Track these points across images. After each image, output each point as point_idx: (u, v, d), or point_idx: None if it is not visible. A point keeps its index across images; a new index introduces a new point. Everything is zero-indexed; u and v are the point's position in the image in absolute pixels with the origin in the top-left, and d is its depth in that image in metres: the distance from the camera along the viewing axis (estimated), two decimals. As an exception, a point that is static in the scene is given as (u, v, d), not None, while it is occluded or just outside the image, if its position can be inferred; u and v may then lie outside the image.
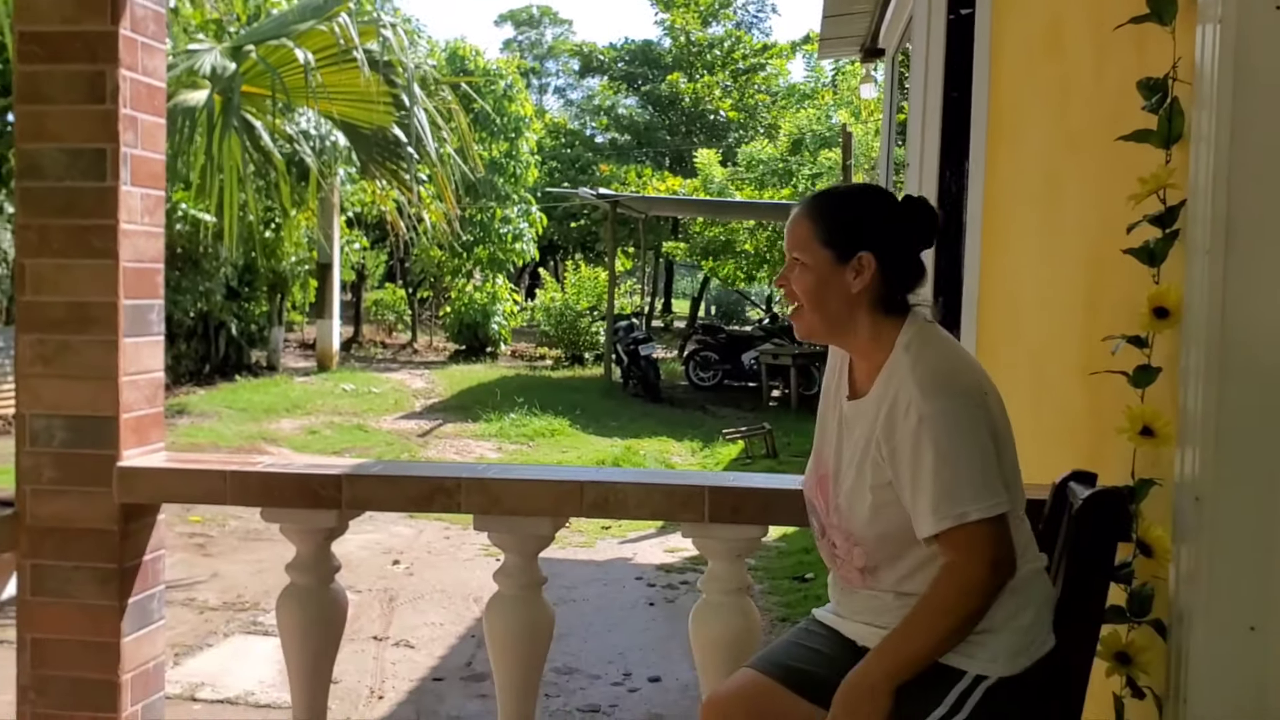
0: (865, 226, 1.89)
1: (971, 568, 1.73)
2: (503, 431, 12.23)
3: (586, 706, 4.36)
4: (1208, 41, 1.75)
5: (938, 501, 1.72)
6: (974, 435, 1.75)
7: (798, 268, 1.89)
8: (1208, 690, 1.75)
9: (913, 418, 1.75)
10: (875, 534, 1.84)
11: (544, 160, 26.36)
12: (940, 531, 1.73)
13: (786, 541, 7.19)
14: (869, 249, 1.87)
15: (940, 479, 1.72)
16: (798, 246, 1.90)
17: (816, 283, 1.88)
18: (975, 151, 3.80)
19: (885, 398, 1.83)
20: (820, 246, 1.87)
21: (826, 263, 1.87)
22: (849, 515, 1.87)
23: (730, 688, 2.05)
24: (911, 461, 1.76)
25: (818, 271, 1.87)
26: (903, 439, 1.77)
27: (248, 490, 2.62)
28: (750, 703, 1.99)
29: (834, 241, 1.87)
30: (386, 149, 6.79)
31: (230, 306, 15.43)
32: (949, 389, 1.78)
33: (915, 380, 1.78)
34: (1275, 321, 1.70)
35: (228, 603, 5.61)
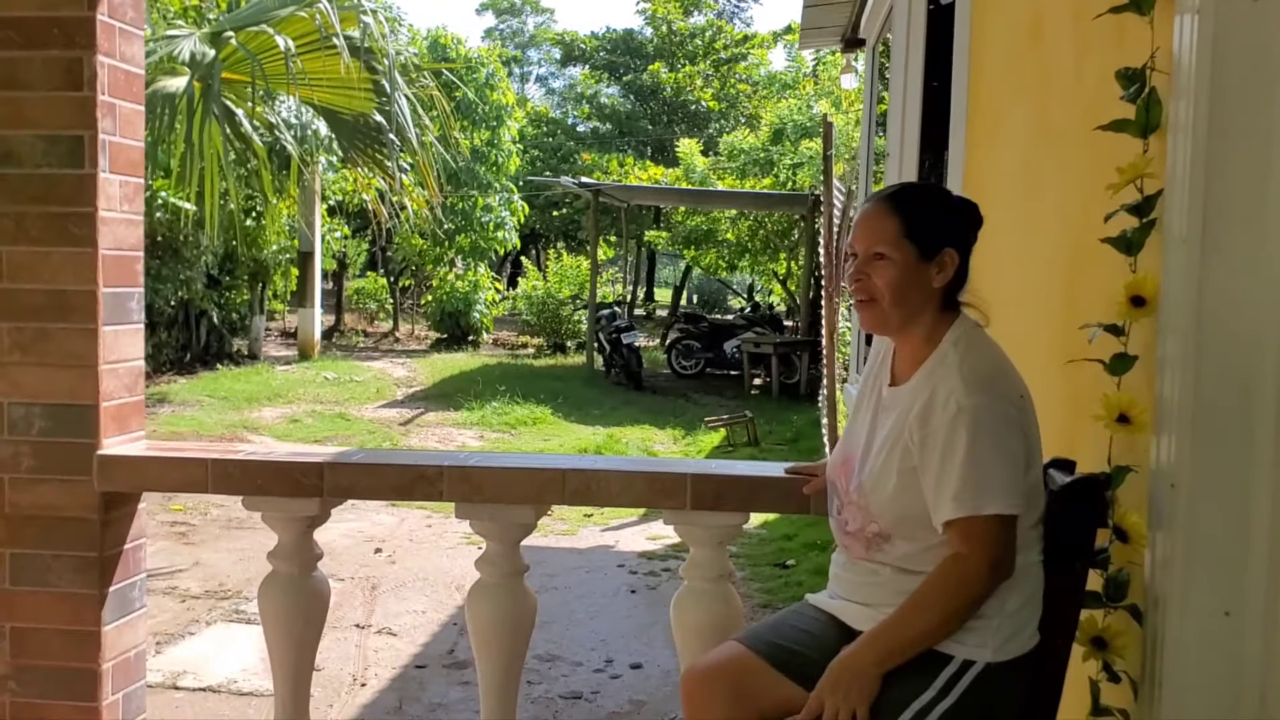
0: (947, 223, 1.93)
1: (974, 561, 1.77)
2: (485, 420, 12.22)
3: (568, 693, 4.38)
4: (1185, 32, 1.77)
5: (960, 490, 1.76)
6: (1007, 437, 1.80)
7: (879, 262, 1.90)
8: (1182, 674, 1.77)
9: (951, 407, 1.79)
10: (895, 514, 1.88)
11: (526, 149, 26.29)
12: (956, 519, 1.77)
13: (768, 529, 7.22)
14: (952, 245, 1.91)
15: (967, 470, 1.76)
16: (881, 241, 1.90)
17: (901, 277, 1.89)
18: (955, 141, 3.81)
19: (924, 387, 1.87)
20: (907, 242, 1.89)
21: (912, 258, 1.89)
22: (872, 493, 1.91)
23: (714, 659, 2.06)
24: (942, 449, 1.79)
25: (903, 266, 1.89)
26: (937, 426, 1.80)
27: (229, 478, 2.61)
28: (732, 675, 2.00)
29: (920, 237, 1.89)
30: (368, 136, 6.76)
31: (211, 295, 15.33)
32: (991, 388, 1.82)
33: (960, 374, 1.82)
34: (1250, 310, 1.72)
35: (209, 591, 5.60)
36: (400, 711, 4.17)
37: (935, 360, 1.89)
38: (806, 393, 14.19)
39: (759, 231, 19.64)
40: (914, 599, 1.81)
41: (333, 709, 4.15)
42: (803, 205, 15.99)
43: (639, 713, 4.22)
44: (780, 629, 2.06)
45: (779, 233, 19.42)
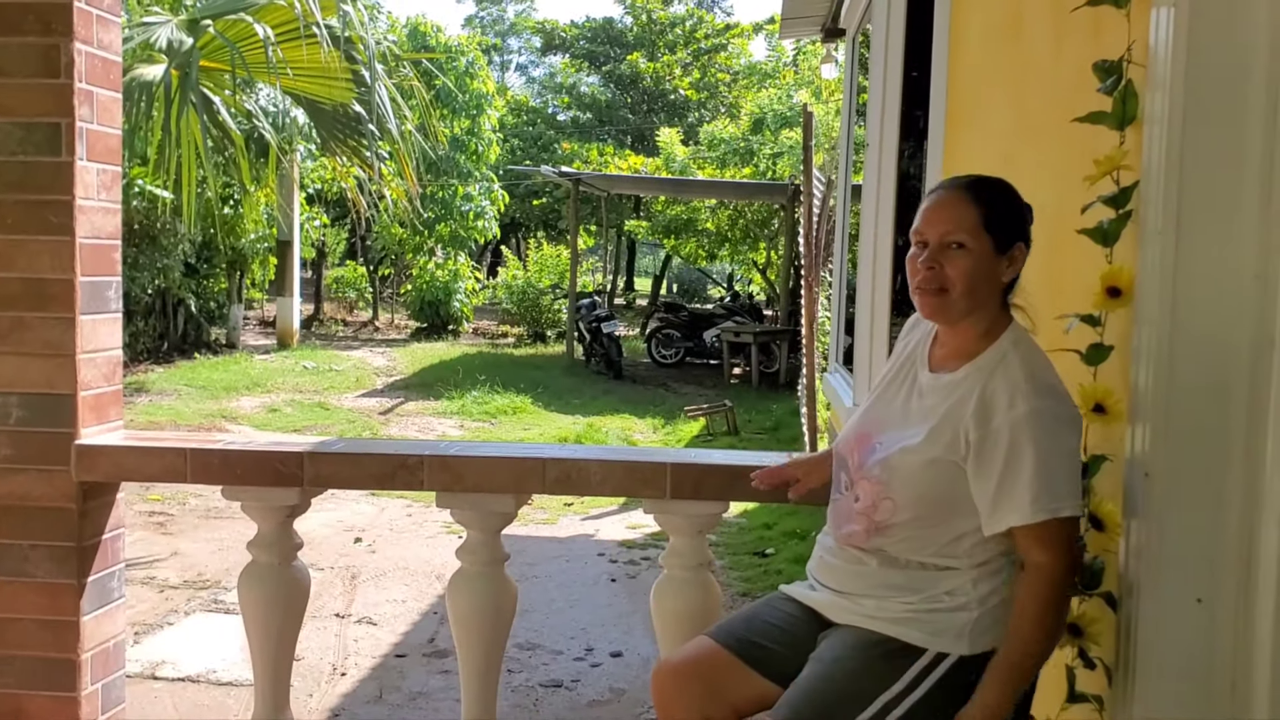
0: (1021, 217, 1.92)
1: (1058, 566, 1.78)
2: (465, 409, 12.20)
3: (549, 682, 4.39)
4: (1162, 25, 1.78)
5: (1037, 493, 1.75)
6: (1070, 438, 1.81)
7: (954, 251, 1.86)
8: (1155, 660, 1.79)
9: (1020, 409, 1.77)
10: (914, 494, 1.86)
11: (506, 138, 26.21)
12: (1033, 524, 1.76)
13: (747, 517, 7.25)
14: (1022, 241, 1.90)
15: (1040, 473, 1.75)
16: (961, 230, 1.86)
17: (977, 269, 1.86)
18: (934, 132, 3.83)
19: (976, 382, 1.85)
20: (985, 233, 1.86)
21: (989, 249, 1.86)
22: (897, 469, 1.88)
23: (684, 655, 2.07)
24: (1008, 452, 1.78)
25: (980, 257, 1.86)
26: (1000, 427, 1.79)
27: (208, 468, 2.61)
28: (703, 671, 2.01)
29: (997, 229, 1.87)
30: (347, 125, 6.72)
31: (189, 284, 15.23)
32: (1056, 392, 1.82)
33: (1026, 375, 1.81)
34: (1223, 301, 1.74)
35: (188, 581, 5.58)
36: (380, 700, 4.17)
37: (992, 358, 1.86)
38: (786, 382, 14.24)
39: (739, 221, 19.66)
40: (1016, 627, 1.80)
41: (313, 699, 4.14)
42: (783, 195, 16.02)
43: (619, 701, 4.24)
44: (752, 623, 2.06)
45: (759, 222, 19.44)
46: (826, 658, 1.90)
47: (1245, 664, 1.72)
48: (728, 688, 1.99)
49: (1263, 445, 1.67)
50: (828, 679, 1.86)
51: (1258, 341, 1.70)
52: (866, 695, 1.82)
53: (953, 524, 1.86)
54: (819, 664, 1.90)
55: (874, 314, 5.09)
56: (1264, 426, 1.67)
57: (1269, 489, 1.65)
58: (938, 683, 1.83)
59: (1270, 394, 1.65)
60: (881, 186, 5.10)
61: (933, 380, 1.95)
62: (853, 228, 7.55)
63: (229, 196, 14.85)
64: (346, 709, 4.10)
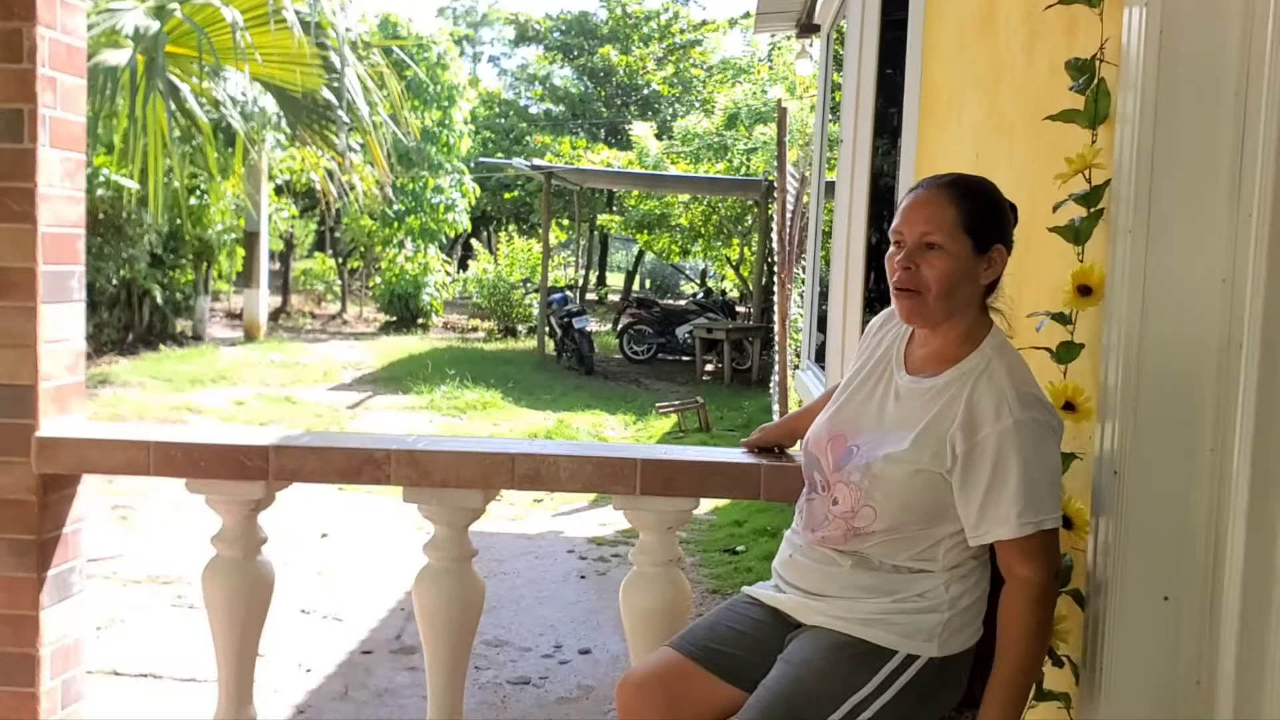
0: (1001, 219, 1.88)
1: (1041, 578, 1.77)
2: (434, 404, 12.14)
3: (517, 678, 4.37)
4: (1134, 24, 1.78)
5: (1023, 507, 1.74)
6: (1054, 449, 1.80)
7: (932, 252, 1.83)
8: (1122, 658, 1.80)
9: (1006, 420, 1.76)
10: (898, 503, 1.84)
11: (477, 130, 26.12)
12: (1017, 538, 1.75)
13: (718, 515, 7.25)
14: (1002, 243, 1.87)
15: (1026, 486, 1.74)
16: (939, 230, 1.82)
17: (954, 269, 1.82)
18: (908, 129, 3.84)
19: (962, 392, 1.82)
20: (963, 233, 1.82)
21: (967, 250, 1.83)
22: (879, 478, 1.85)
23: (647, 667, 2.05)
24: (994, 463, 1.76)
25: (958, 258, 1.82)
26: (987, 439, 1.77)
27: (172, 461, 2.57)
28: (666, 683, 1.99)
29: (976, 230, 1.83)
30: (317, 114, 6.67)
31: (154, 274, 15.06)
32: (1040, 403, 1.81)
33: (1011, 385, 1.79)
34: (1193, 300, 1.74)
35: (151, 575, 5.51)
36: (346, 697, 4.14)
37: (975, 364, 1.84)
38: (758, 379, 14.26)
39: (712, 216, 19.68)
40: (1006, 644, 1.79)
41: (277, 695, 4.10)
42: (756, 191, 16.04)
43: (587, 698, 4.22)
44: (715, 630, 2.03)
45: (732, 218, 19.48)
46: (795, 659, 1.89)
47: (1211, 661, 1.73)
48: (693, 697, 1.97)
49: (1230, 444, 1.68)
50: (796, 680, 1.85)
51: (1225, 342, 1.71)
52: (836, 697, 1.81)
53: (933, 531, 1.85)
54: (787, 665, 1.88)
55: (846, 311, 5.09)
56: (1231, 426, 1.68)
57: (1235, 487, 1.66)
58: (908, 685, 1.82)
59: (1237, 394, 1.66)
60: (855, 183, 5.11)
61: (911, 384, 1.91)
62: (826, 225, 7.56)
63: (196, 186, 14.71)
64: (312, 706, 4.06)
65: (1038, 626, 1.79)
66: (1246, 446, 1.64)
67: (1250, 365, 1.63)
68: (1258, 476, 1.63)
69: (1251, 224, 1.64)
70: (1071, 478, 1.96)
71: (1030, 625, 1.78)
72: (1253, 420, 1.63)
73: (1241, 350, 1.65)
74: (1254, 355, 1.63)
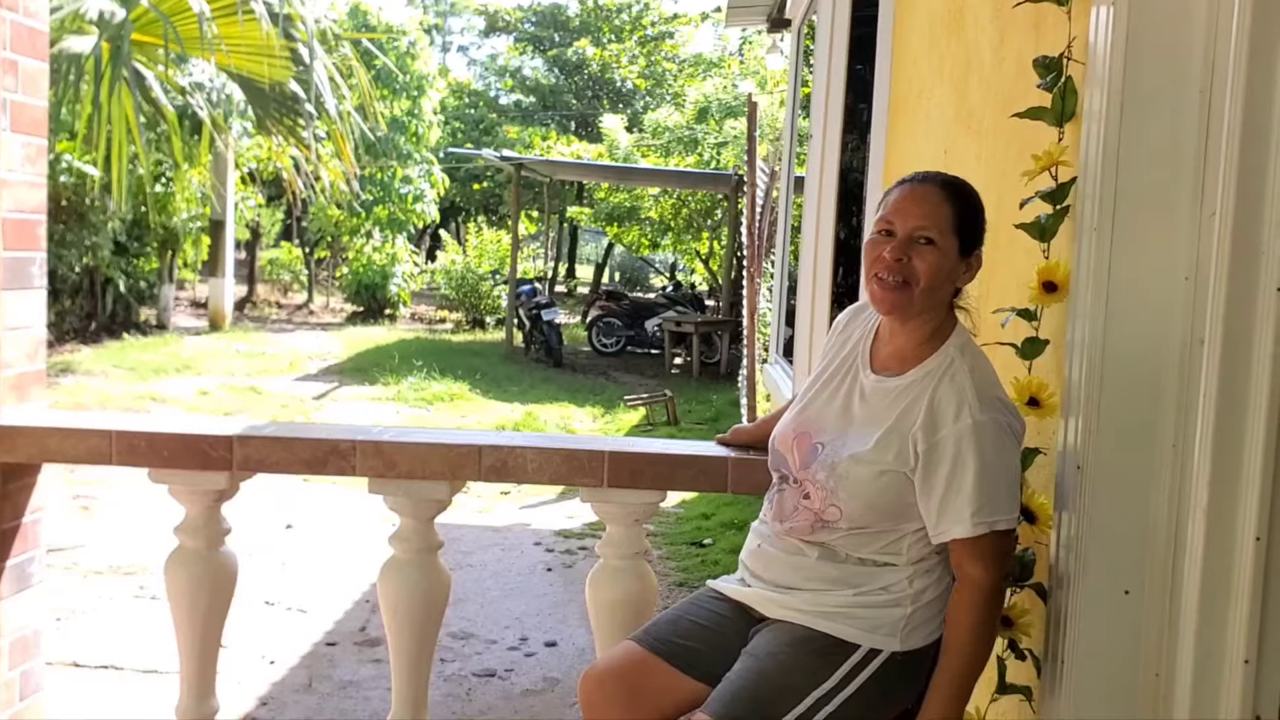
0: (983, 226, 1.91)
1: (990, 578, 1.78)
2: (401, 395, 12.08)
3: (482, 671, 4.36)
4: (1101, 22, 1.79)
5: (978, 507, 1.75)
6: (1013, 450, 1.81)
7: (924, 246, 1.83)
8: (1083, 651, 1.82)
9: (965, 420, 1.77)
10: (864, 502, 1.85)
11: (447, 120, 25.99)
12: (970, 538, 1.76)
13: (685, 508, 7.26)
14: (979, 249, 1.90)
15: (981, 486, 1.75)
16: (934, 226, 1.83)
17: (943, 266, 1.84)
18: (877, 125, 3.85)
19: (925, 391, 1.83)
20: (954, 233, 1.84)
21: (954, 250, 1.85)
22: (846, 477, 1.86)
23: (609, 661, 2.05)
24: (953, 463, 1.77)
25: (947, 257, 1.84)
26: (946, 437, 1.78)
27: (134, 450, 2.54)
28: (628, 677, 1.99)
29: (965, 231, 1.86)
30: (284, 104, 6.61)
31: (118, 262, 14.88)
32: (1001, 403, 1.82)
33: (973, 386, 1.80)
34: (1156, 297, 1.76)
35: (113, 566, 5.45)
36: (310, 689, 4.11)
37: (939, 363, 1.85)
38: (727, 372, 14.30)
39: (682, 210, 19.67)
40: (952, 640, 1.81)
41: (240, 687, 4.07)
42: (726, 185, 16.05)
43: (553, 690, 4.22)
44: (678, 625, 2.03)
45: (702, 212, 19.48)
46: (759, 653, 1.89)
47: (1170, 654, 1.75)
48: (656, 691, 1.97)
49: (1191, 441, 1.70)
50: (760, 674, 1.85)
51: (1187, 339, 1.73)
52: (798, 691, 1.82)
53: (899, 527, 1.87)
54: (751, 659, 1.89)
55: (815, 306, 5.11)
56: (1193, 422, 1.70)
57: (1196, 483, 1.68)
58: (870, 679, 1.83)
59: (1199, 391, 1.68)
60: (824, 179, 5.12)
61: (876, 383, 1.92)
62: (795, 219, 7.58)
63: (161, 174, 14.55)
64: (275, 698, 4.03)
65: (982, 625, 1.80)
66: (1207, 443, 1.66)
67: (1212, 362, 1.65)
68: (1217, 472, 1.65)
69: (1215, 222, 1.66)
70: (1035, 473, 1.97)
71: (975, 623, 1.79)
72: (1213, 417, 1.65)
73: (1204, 347, 1.67)
74: (1215, 352, 1.65)
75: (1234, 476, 1.64)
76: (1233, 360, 1.63)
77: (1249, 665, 1.65)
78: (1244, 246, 1.62)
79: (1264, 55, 1.60)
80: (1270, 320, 1.60)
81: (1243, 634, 1.64)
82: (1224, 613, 1.66)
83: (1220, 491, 1.65)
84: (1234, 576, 1.65)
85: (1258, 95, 1.60)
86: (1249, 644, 1.64)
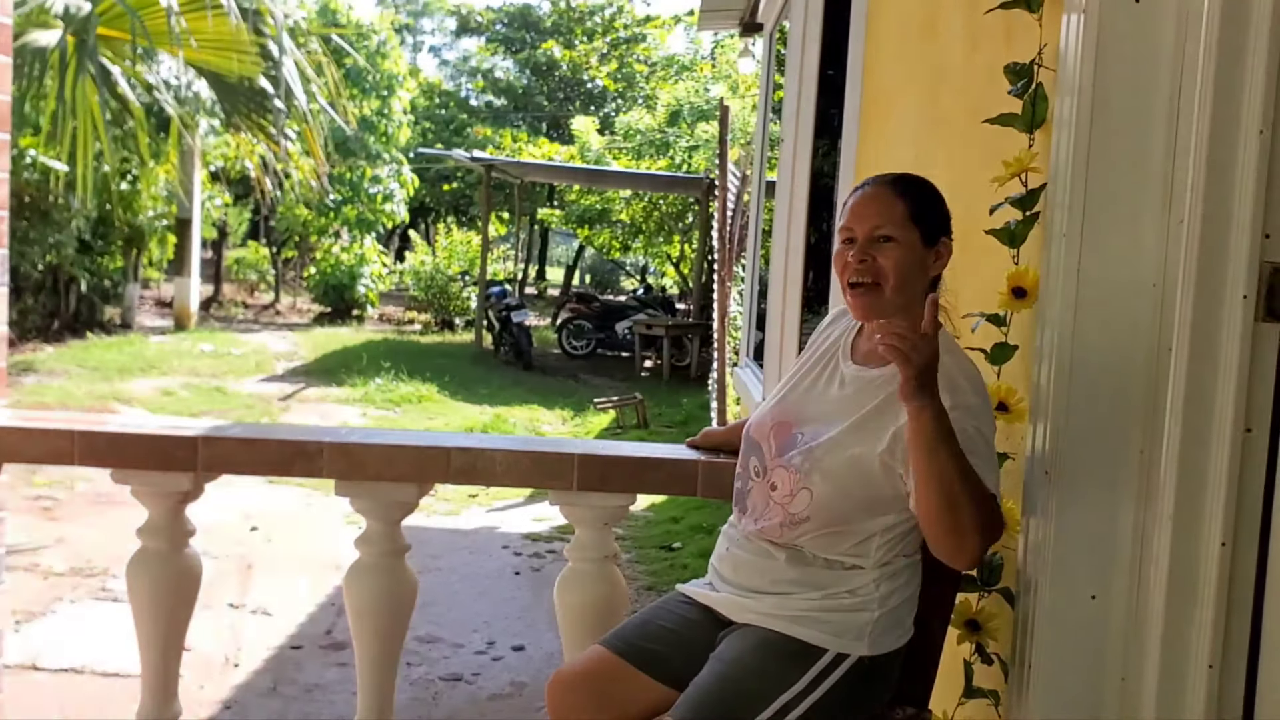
0: (944, 213, 1.92)
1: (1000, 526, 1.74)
2: (368, 397, 12.00)
3: (449, 675, 4.33)
4: (1072, 30, 1.81)
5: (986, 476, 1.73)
6: (992, 432, 1.82)
7: (885, 244, 1.85)
8: (1050, 656, 1.83)
9: (951, 401, 1.74)
10: (835, 487, 1.84)
11: (417, 120, 25.86)
12: None
13: (655, 511, 7.26)
14: (946, 235, 1.90)
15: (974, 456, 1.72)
16: (890, 223, 1.85)
17: (908, 262, 1.85)
18: (848, 130, 3.86)
19: None
20: (913, 225, 1.86)
21: (917, 242, 1.86)
22: (821, 460, 1.85)
23: (577, 665, 2.04)
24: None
25: (910, 249, 1.85)
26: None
27: (97, 450, 2.50)
28: (596, 681, 1.98)
29: (924, 221, 1.87)
30: (253, 100, 6.55)
31: (82, 260, 14.70)
32: (981, 389, 1.83)
33: (958, 374, 1.79)
34: (1123, 303, 1.77)
35: (74, 568, 5.38)
36: (275, 693, 4.07)
37: None
38: (697, 376, 14.30)
39: (653, 213, 19.68)
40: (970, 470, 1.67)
41: (204, 690, 4.03)
42: (698, 188, 16.08)
43: (520, 694, 4.20)
44: (647, 628, 2.02)
45: (673, 215, 19.50)
46: (726, 657, 1.88)
47: (1136, 658, 1.76)
48: (624, 696, 1.96)
49: (1158, 446, 1.71)
50: (727, 678, 1.85)
51: (1154, 346, 1.74)
52: (766, 695, 1.81)
53: (866, 524, 1.85)
54: (718, 663, 1.88)
55: (785, 310, 5.12)
56: (1159, 428, 1.71)
57: (1162, 489, 1.69)
58: (837, 683, 1.83)
59: (1166, 397, 1.69)
60: (795, 183, 5.14)
61: (856, 372, 1.93)
62: (766, 224, 7.60)
63: (127, 171, 14.39)
64: (239, 701, 3.99)
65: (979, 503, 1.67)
66: (1174, 449, 1.67)
67: (1179, 369, 1.67)
68: (1184, 478, 1.67)
69: (1183, 230, 1.67)
70: (1003, 478, 1.98)
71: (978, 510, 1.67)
72: (1180, 423, 1.66)
73: (1171, 354, 1.69)
74: (1182, 359, 1.66)
75: (1200, 483, 1.66)
76: (1199, 367, 1.65)
77: (1213, 670, 1.66)
78: (1211, 254, 1.64)
79: (1232, 64, 1.61)
80: (1237, 327, 1.62)
81: (1208, 639, 1.66)
82: (1189, 618, 1.68)
83: (1186, 497, 1.67)
84: (1199, 582, 1.67)
85: (1225, 103, 1.62)
86: (1214, 649, 1.66)
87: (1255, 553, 1.66)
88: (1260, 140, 1.60)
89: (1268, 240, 1.62)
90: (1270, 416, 1.65)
